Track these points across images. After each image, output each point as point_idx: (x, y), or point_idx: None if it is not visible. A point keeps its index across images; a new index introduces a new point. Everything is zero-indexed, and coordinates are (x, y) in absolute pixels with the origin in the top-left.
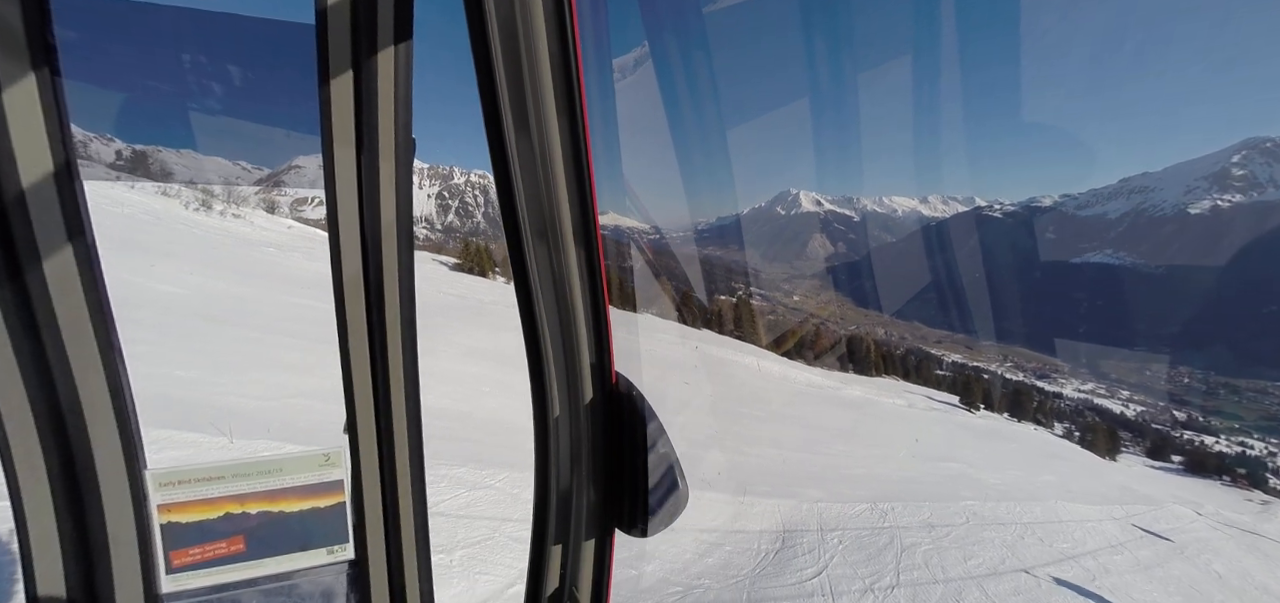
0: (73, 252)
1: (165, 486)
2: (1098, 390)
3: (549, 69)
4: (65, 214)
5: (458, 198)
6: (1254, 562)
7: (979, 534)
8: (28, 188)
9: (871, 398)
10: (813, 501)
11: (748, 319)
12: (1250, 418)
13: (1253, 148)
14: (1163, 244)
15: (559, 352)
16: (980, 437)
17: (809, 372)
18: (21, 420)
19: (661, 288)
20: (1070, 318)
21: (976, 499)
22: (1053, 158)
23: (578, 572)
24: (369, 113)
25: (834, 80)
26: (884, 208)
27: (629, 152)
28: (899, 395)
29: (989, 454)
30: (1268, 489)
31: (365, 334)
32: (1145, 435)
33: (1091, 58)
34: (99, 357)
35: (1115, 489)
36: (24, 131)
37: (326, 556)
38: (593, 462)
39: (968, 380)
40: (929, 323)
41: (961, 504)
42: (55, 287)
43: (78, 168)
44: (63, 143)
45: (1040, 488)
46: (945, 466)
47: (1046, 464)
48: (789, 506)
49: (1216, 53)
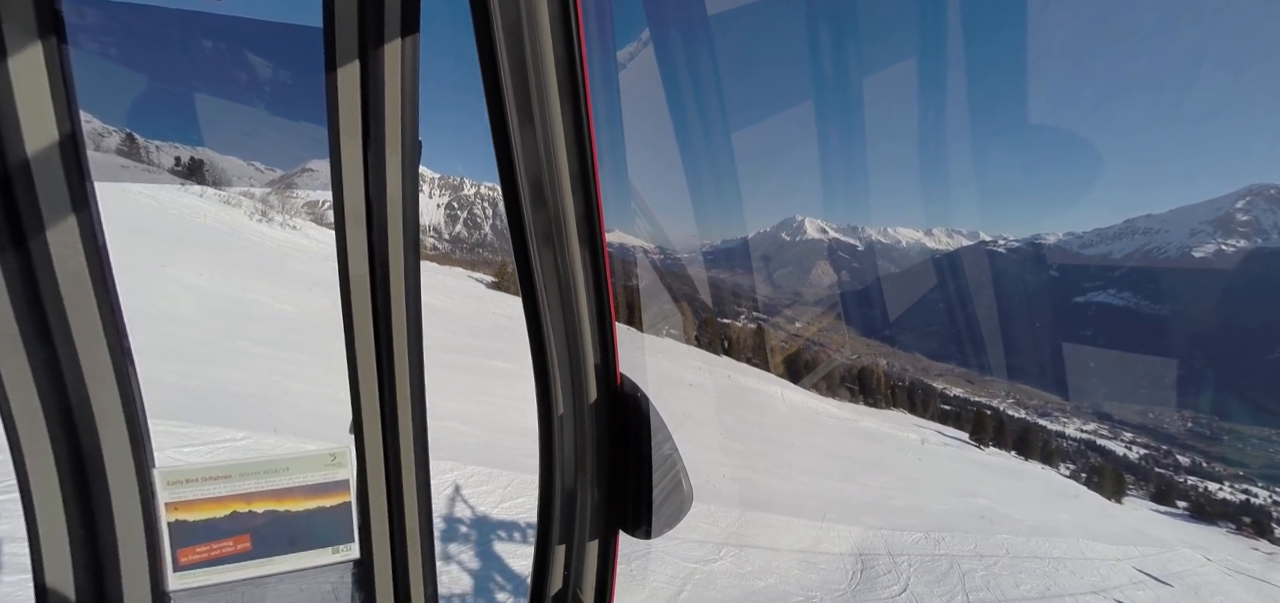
0: (83, 252)
1: (173, 484)
2: (1100, 431)
3: (554, 71)
4: (77, 216)
5: (466, 209)
6: None
7: (1021, 565)
8: (40, 192)
9: (888, 431)
10: (875, 529)
11: (765, 347)
12: (1255, 465)
13: (1257, 194)
14: (1167, 286)
15: (563, 353)
16: (997, 474)
17: (824, 402)
18: (31, 418)
19: (676, 308)
20: (1073, 357)
21: (1009, 534)
22: (1059, 198)
23: (582, 572)
24: (376, 111)
25: (839, 105)
26: (888, 238)
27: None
28: (912, 429)
29: (1009, 492)
30: (1273, 539)
31: (371, 334)
32: (1149, 480)
33: (1100, 98)
34: (108, 356)
35: (1128, 531)
36: (36, 133)
37: (332, 555)
38: (597, 463)
39: (979, 417)
40: (931, 355)
41: (998, 538)
42: (66, 287)
43: (89, 170)
44: (74, 145)
45: (1061, 526)
46: (974, 501)
47: (1061, 504)
48: (857, 533)
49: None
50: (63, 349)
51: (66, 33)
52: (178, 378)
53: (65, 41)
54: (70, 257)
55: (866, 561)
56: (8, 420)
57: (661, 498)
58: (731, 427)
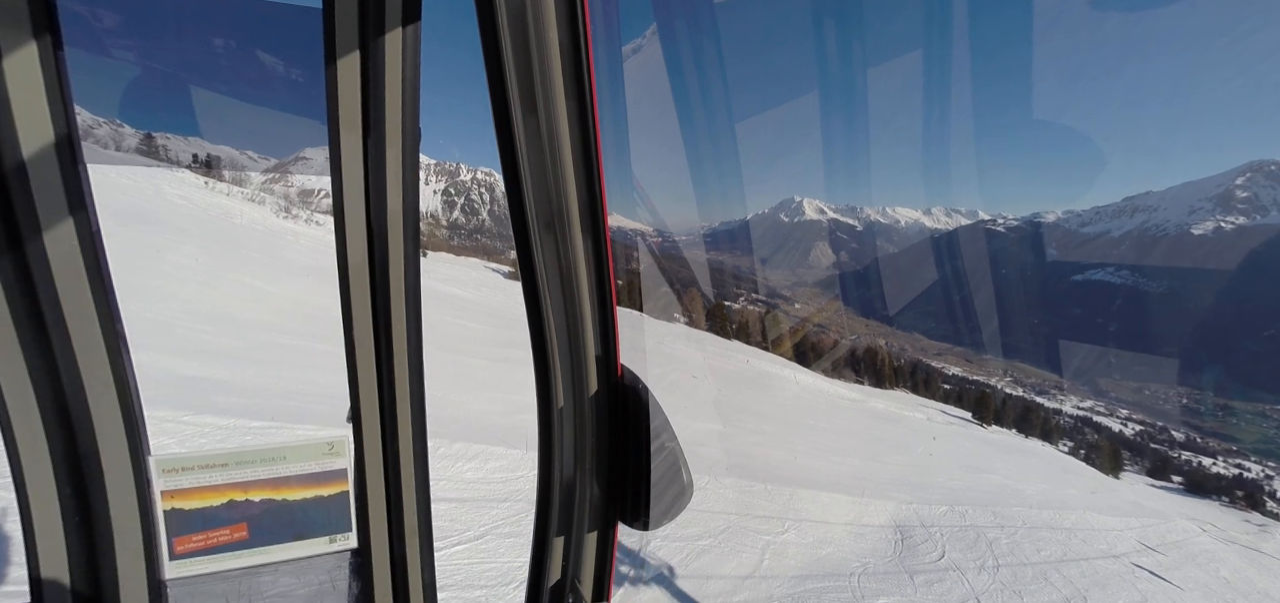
0: (77, 238)
1: (169, 472)
2: (1097, 408)
3: (559, 57)
4: (70, 202)
5: (463, 195)
6: (1255, 572)
7: (1038, 534)
8: (32, 176)
9: (898, 412)
10: (905, 503)
11: (775, 330)
12: (1248, 440)
13: (1257, 170)
14: (1165, 264)
15: (564, 343)
16: (1003, 452)
17: (833, 383)
18: (25, 406)
19: (683, 291)
20: (1070, 335)
21: (1023, 507)
22: (1058, 177)
23: (580, 564)
24: (376, 98)
25: (841, 85)
26: (887, 218)
27: (636, 145)
28: (918, 410)
29: (1017, 468)
30: (1265, 511)
31: (370, 323)
32: (1144, 455)
33: (1100, 73)
34: (103, 343)
35: (1129, 504)
36: (28, 120)
37: (329, 544)
38: (597, 454)
39: (982, 397)
40: (929, 335)
41: (1014, 510)
42: (59, 274)
43: (83, 155)
44: (68, 132)
45: (1068, 499)
46: (988, 477)
47: (1065, 480)
48: (891, 506)
49: (1228, 73)
50: (56, 337)
51: (58, 20)
52: (267, 382)
53: (57, 29)
54: (62, 240)
55: (903, 531)
56: (1, 409)
57: (661, 490)
58: (763, 410)
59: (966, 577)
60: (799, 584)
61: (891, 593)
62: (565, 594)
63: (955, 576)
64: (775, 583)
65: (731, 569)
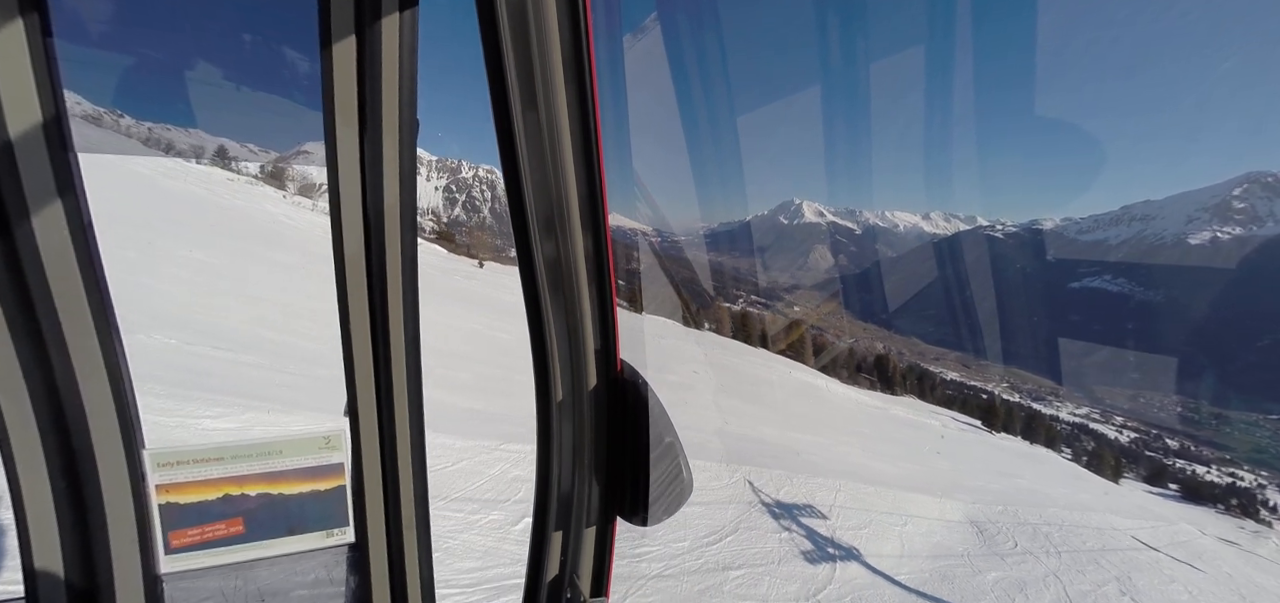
0: (68, 229)
1: (164, 466)
2: (1092, 415)
3: (559, 50)
4: (61, 191)
5: (465, 192)
6: (1252, 570)
7: (1078, 530)
8: (23, 170)
9: (917, 419)
10: (970, 503)
11: (790, 334)
12: (1242, 449)
13: (1254, 181)
14: (1162, 272)
15: (563, 337)
16: (1018, 458)
17: (849, 390)
18: (18, 400)
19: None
20: (1067, 341)
21: (1055, 508)
22: (1057, 184)
23: (578, 559)
24: (372, 89)
25: (841, 87)
26: (886, 222)
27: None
28: (931, 417)
29: (1036, 473)
30: (1258, 519)
31: (367, 316)
32: (1140, 463)
33: (1102, 82)
34: (96, 336)
35: (1134, 508)
36: (17, 112)
37: (326, 538)
38: (595, 449)
39: (990, 405)
40: (926, 339)
41: (1049, 510)
42: (51, 267)
43: (74, 148)
44: (58, 125)
45: (1085, 501)
46: (1017, 481)
47: (1078, 483)
48: (959, 505)
49: (1227, 88)
50: (48, 328)
51: (47, 4)
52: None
53: (46, 13)
54: (54, 233)
55: (978, 525)
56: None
57: (661, 486)
58: (805, 415)
59: (1041, 560)
60: (933, 562)
61: (995, 570)
62: (563, 590)
63: (1032, 559)
64: (918, 561)
65: (889, 550)
